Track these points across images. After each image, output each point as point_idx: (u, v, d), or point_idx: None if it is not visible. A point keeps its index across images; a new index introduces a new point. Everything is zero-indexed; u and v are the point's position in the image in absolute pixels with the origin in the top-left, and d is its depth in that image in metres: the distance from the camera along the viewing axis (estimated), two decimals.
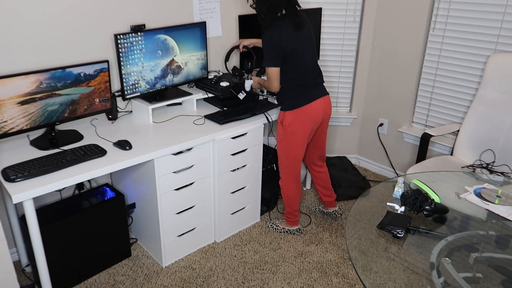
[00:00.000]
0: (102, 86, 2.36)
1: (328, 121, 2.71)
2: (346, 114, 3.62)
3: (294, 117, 2.47)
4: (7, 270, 1.81)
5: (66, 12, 2.31)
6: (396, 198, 1.95)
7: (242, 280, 2.46)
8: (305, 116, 2.48)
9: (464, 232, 1.78)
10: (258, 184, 2.86)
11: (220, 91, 2.67)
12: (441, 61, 3.02)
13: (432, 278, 1.53)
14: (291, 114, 2.48)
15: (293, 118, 2.48)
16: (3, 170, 1.92)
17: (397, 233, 1.71)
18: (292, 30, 2.35)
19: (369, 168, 3.75)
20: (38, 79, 2.10)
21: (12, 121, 2.07)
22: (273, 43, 2.33)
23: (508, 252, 1.68)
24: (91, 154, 2.08)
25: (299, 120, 2.48)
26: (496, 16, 2.68)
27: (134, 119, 2.60)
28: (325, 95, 2.56)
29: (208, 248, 2.72)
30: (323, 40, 3.37)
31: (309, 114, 2.48)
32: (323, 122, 2.64)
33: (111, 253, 2.52)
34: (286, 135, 2.53)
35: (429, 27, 3.03)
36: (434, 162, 2.70)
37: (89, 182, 2.66)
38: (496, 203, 1.89)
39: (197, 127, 2.50)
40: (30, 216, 1.87)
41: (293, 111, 2.47)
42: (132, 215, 2.70)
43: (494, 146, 2.59)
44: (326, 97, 2.57)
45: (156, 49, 2.54)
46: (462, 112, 2.99)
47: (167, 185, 2.35)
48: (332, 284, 2.44)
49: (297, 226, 2.84)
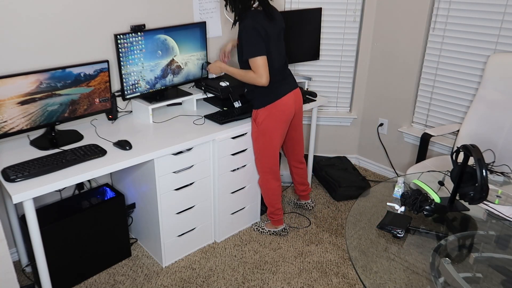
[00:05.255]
0: (102, 86, 2.36)
1: (301, 114, 2.70)
2: (346, 114, 3.62)
3: (267, 113, 2.46)
4: (7, 270, 1.82)
5: (66, 12, 2.31)
6: (396, 198, 1.95)
7: (242, 280, 2.46)
8: (278, 111, 2.46)
9: (464, 232, 1.78)
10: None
11: (220, 91, 2.67)
12: (441, 61, 3.02)
13: (432, 278, 1.53)
14: (264, 111, 2.46)
15: (267, 115, 2.46)
16: (3, 170, 1.92)
17: (397, 233, 1.71)
18: (265, 20, 2.33)
19: (369, 168, 3.75)
20: (38, 79, 2.10)
21: (12, 121, 2.07)
22: (254, 31, 2.28)
23: (508, 252, 1.68)
24: (91, 154, 2.08)
25: (272, 116, 2.46)
26: (496, 16, 2.68)
27: (134, 119, 2.60)
28: (295, 87, 2.55)
29: (208, 248, 2.72)
30: (323, 40, 3.37)
31: (281, 109, 2.46)
32: (296, 115, 2.63)
33: (111, 253, 2.52)
34: (260, 132, 2.51)
35: (429, 27, 3.03)
36: (434, 162, 2.70)
37: (89, 182, 2.66)
38: (496, 203, 1.89)
39: (197, 127, 2.50)
40: (30, 216, 1.87)
41: (266, 107, 2.45)
42: (132, 215, 2.70)
43: (494, 146, 2.59)
44: (297, 90, 2.56)
45: (156, 49, 2.54)
46: (462, 112, 2.99)
47: (167, 185, 2.35)
48: (332, 284, 2.44)
49: (282, 225, 2.83)
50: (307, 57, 3.22)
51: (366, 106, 3.59)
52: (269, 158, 2.58)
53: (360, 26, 3.35)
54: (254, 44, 2.29)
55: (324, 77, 3.52)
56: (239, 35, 2.35)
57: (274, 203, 2.72)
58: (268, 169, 2.62)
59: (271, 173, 2.64)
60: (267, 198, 2.72)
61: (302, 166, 2.90)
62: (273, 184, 2.67)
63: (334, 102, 3.62)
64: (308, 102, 2.96)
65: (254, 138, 2.58)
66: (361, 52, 3.42)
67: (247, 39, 2.30)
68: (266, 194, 2.72)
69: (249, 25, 2.28)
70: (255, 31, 2.28)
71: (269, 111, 2.45)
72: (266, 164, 2.61)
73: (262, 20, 2.32)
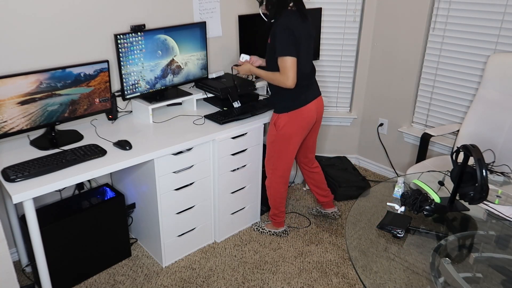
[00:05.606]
0: (102, 86, 2.36)
1: (321, 122, 2.68)
2: (346, 114, 3.62)
3: (289, 119, 2.43)
4: (7, 270, 1.82)
5: (66, 12, 2.31)
6: (396, 198, 1.95)
7: (242, 280, 2.46)
8: (300, 118, 2.43)
9: (464, 232, 1.78)
10: (258, 184, 2.86)
11: (220, 91, 2.67)
12: (441, 61, 3.02)
13: (432, 278, 1.53)
14: (286, 116, 2.43)
15: (288, 120, 2.43)
16: (3, 170, 1.92)
17: (397, 233, 1.71)
18: (299, 20, 2.31)
19: (369, 168, 3.75)
20: (38, 79, 2.10)
21: (12, 121, 2.07)
22: (288, 31, 2.25)
23: (508, 252, 1.68)
24: (91, 154, 2.08)
25: (294, 123, 2.43)
26: (496, 16, 2.68)
27: (134, 119, 2.60)
28: (319, 95, 2.53)
29: (208, 248, 2.72)
30: (323, 40, 3.37)
31: (304, 117, 2.44)
32: (316, 123, 2.62)
33: (111, 253, 2.52)
34: (279, 137, 2.48)
35: (429, 27, 3.03)
36: (434, 162, 2.70)
37: (89, 182, 2.66)
38: (496, 203, 1.89)
39: (197, 127, 2.50)
40: (30, 216, 1.87)
41: (289, 113, 2.42)
42: (132, 215, 2.70)
43: (494, 146, 2.59)
44: (320, 98, 2.54)
45: (156, 49, 2.54)
46: (462, 112, 2.99)
47: (167, 185, 2.35)
48: (332, 284, 2.44)
49: (283, 227, 2.82)
50: None
51: (366, 106, 3.59)
52: (284, 163, 2.56)
53: (360, 26, 3.35)
54: (287, 44, 2.25)
55: (324, 77, 3.52)
56: (272, 34, 2.31)
57: (279, 205, 2.71)
58: (281, 173, 2.60)
59: (282, 178, 2.62)
60: (272, 200, 2.70)
61: (317, 169, 2.83)
62: (281, 188, 2.65)
63: (334, 102, 3.62)
64: None
65: (271, 141, 2.53)
66: (361, 52, 3.42)
67: (280, 38, 2.26)
68: (272, 196, 2.69)
69: (284, 25, 2.26)
70: (289, 31, 2.25)
71: (291, 117, 2.42)
72: (280, 168, 2.58)
73: (296, 21, 2.30)
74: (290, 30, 2.25)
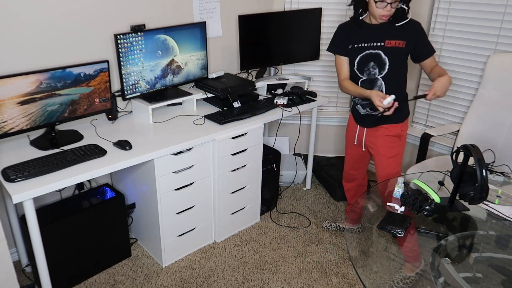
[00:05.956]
0: (102, 86, 2.36)
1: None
2: (346, 114, 3.62)
3: (403, 124, 2.43)
4: (7, 270, 1.82)
5: (66, 12, 2.31)
6: (396, 198, 1.95)
7: (242, 280, 2.46)
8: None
9: (464, 232, 1.78)
10: (258, 184, 2.86)
11: (220, 91, 2.67)
12: (441, 61, 3.02)
13: (432, 278, 1.53)
14: (405, 122, 2.44)
15: (405, 127, 2.43)
16: (3, 170, 1.92)
17: (397, 233, 1.71)
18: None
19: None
20: (38, 79, 2.10)
21: (12, 121, 2.07)
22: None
23: (508, 252, 1.68)
24: (91, 154, 2.08)
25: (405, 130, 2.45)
26: (496, 16, 2.68)
27: (134, 119, 2.60)
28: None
29: (208, 248, 2.72)
30: (323, 40, 3.36)
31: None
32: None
33: (111, 253, 2.52)
34: (403, 145, 2.45)
35: (429, 27, 3.03)
36: (434, 162, 2.70)
37: (89, 182, 2.66)
38: (496, 203, 1.89)
39: (197, 127, 2.50)
40: (30, 216, 1.87)
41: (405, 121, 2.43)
42: (132, 215, 2.70)
43: (494, 146, 2.59)
44: None
45: (156, 49, 2.54)
46: (462, 112, 2.99)
47: (167, 185, 2.35)
48: (332, 284, 2.44)
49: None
50: (307, 57, 3.23)
51: None
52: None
53: None
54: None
55: (324, 77, 3.52)
56: (415, 34, 2.26)
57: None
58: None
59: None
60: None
61: (365, 182, 2.81)
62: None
63: (334, 102, 3.62)
64: (308, 102, 2.96)
65: (396, 153, 2.43)
66: None
67: (425, 36, 2.29)
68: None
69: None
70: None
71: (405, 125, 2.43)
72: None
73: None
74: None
